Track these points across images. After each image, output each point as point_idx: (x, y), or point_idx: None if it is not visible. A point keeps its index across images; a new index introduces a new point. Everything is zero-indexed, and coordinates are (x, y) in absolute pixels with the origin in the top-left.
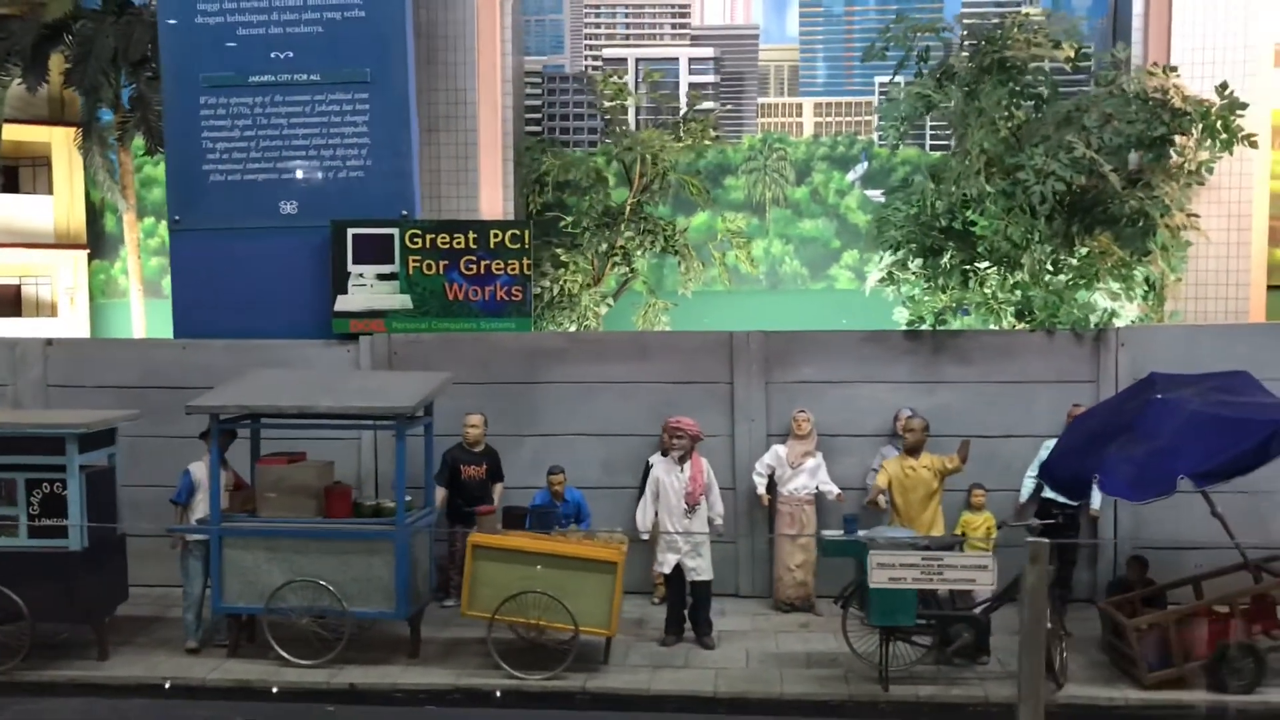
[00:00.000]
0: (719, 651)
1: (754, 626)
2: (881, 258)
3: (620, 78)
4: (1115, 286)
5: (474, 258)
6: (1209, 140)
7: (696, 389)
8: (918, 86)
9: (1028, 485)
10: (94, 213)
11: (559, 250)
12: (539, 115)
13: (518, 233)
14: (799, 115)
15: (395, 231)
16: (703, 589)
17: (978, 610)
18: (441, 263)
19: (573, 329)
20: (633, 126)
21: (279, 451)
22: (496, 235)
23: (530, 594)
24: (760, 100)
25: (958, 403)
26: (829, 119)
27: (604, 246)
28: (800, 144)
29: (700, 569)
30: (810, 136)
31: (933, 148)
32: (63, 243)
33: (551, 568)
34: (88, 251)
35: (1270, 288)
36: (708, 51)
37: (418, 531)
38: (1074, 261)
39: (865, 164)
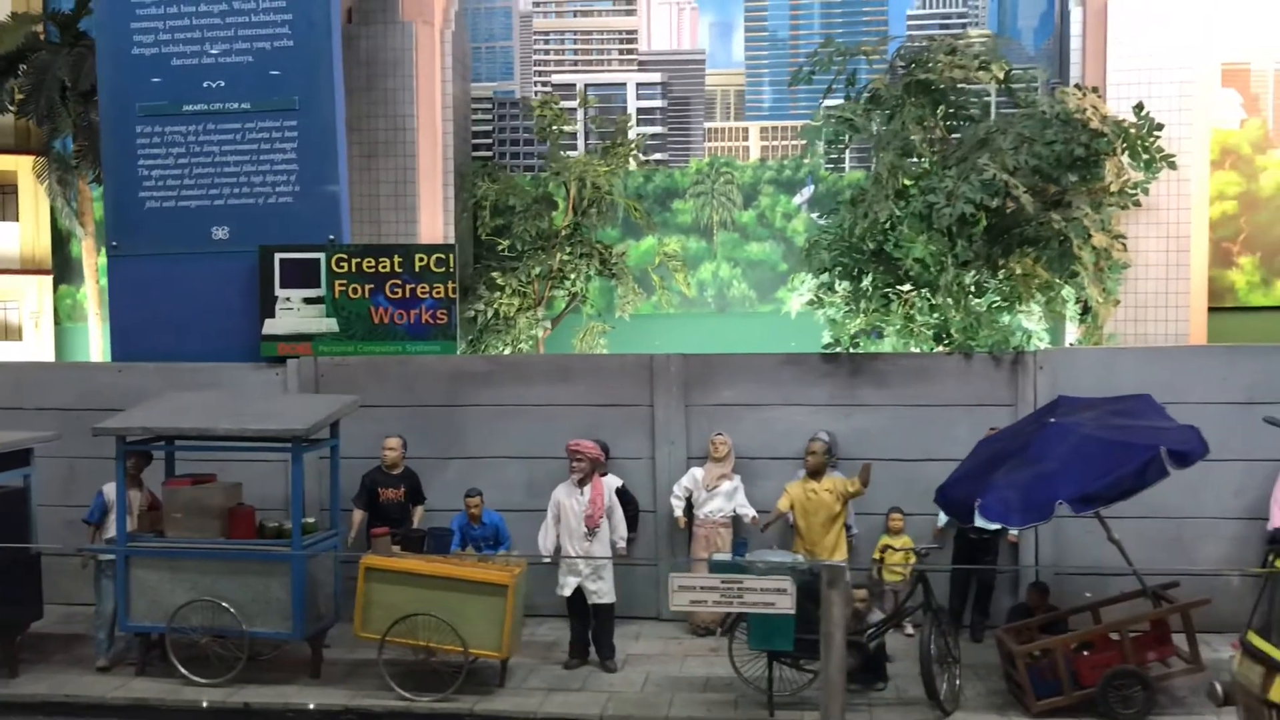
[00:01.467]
0: (620, 675)
1: (664, 650)
2: (804, 280)
3: (556, 102)
4: (1037, 309)
5: (399, 281)
6: (1136, 161)
7: (618, 411)
8: (843, 110)
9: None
10: (59, 239)
11: (495, 274)
12: (489, 140)
13: (443, 256)
14: (745, 139)
15: (321, 256)
16: (605, 612)
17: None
18: (367, 286)
19: (508, 352)
20: (581, 150)
21: (188, 473)
22: (422, 259)
23: (420, 616)
24: (707, 125)
25: (876, 426)
26: (775, 143)
27: (538, 270)
28: (747, 168)
29: (601, 592)
30: (757, 160)
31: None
32: (28, 268)
33: (442, 590)
34: (52, 276)
35: (1212, 309)
36: (655, 76)
37: (316, 554)
38: (994, 284)
39: (811, 188)
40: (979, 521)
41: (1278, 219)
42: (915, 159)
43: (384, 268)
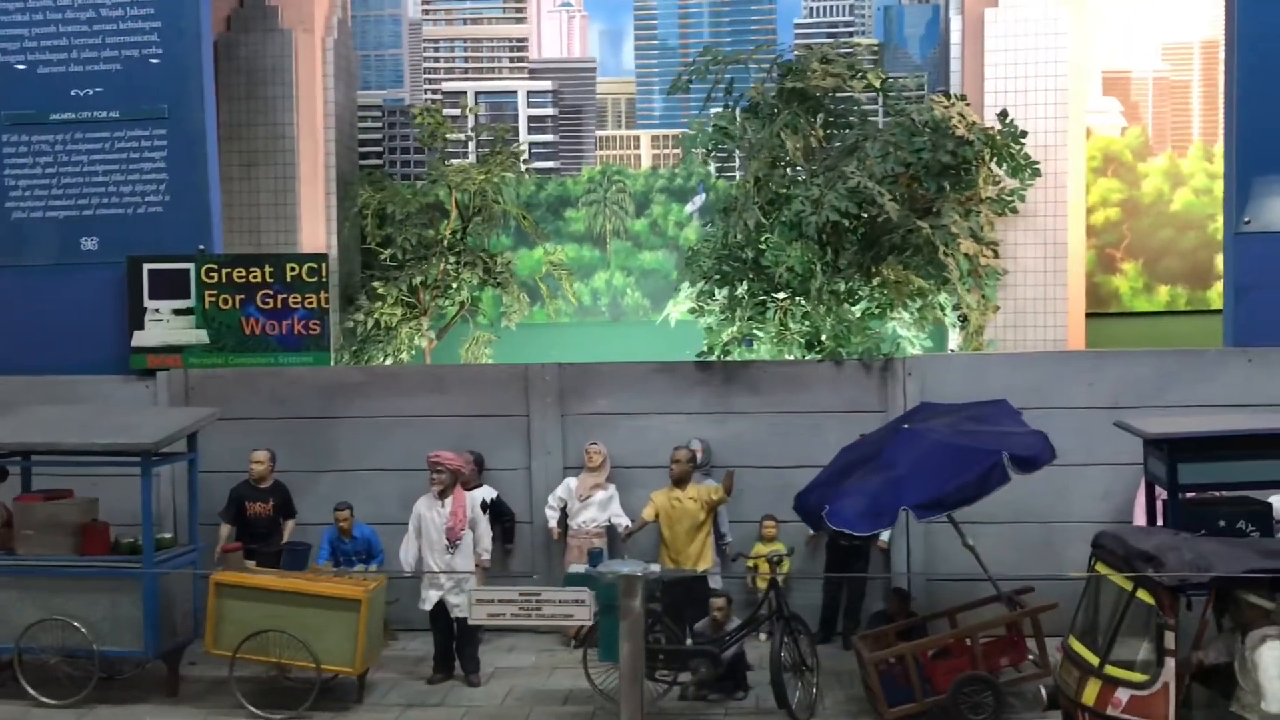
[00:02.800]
0: (483, 689)
1: (535, 663)
2: (680, 289)
3: (439, 110)
4: (908, 316)
5: (270, 292)
6: (1006, 169)
7: (494, 422)
8: (718, 119)
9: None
10: None
11: (376, 283)
12: (379, 149)
13: (315, 266)
14: (637, 148)
15: (191, 266)
16: (467, 626)
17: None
18: (238, 297)
19: (389, 363)
20: (472, 158)
21: (43, 489)
22: (293, 269)
23: (271, 632)
24: (598, 133)
25: (749, 433)
26: (666, 151)
27: (419, 279)
28: (639, 176)
29: (464, 606)
30: (649, 169)
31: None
32: None
33: (295, 606)
34: None
35: (1096, 315)
36: (546, 85)
37: (171, 571)
38: (865, 291)
39: (702, 196)
40: (827, 528)
41: (1159, 225)
42: (788, 167)
43: (255, 278)
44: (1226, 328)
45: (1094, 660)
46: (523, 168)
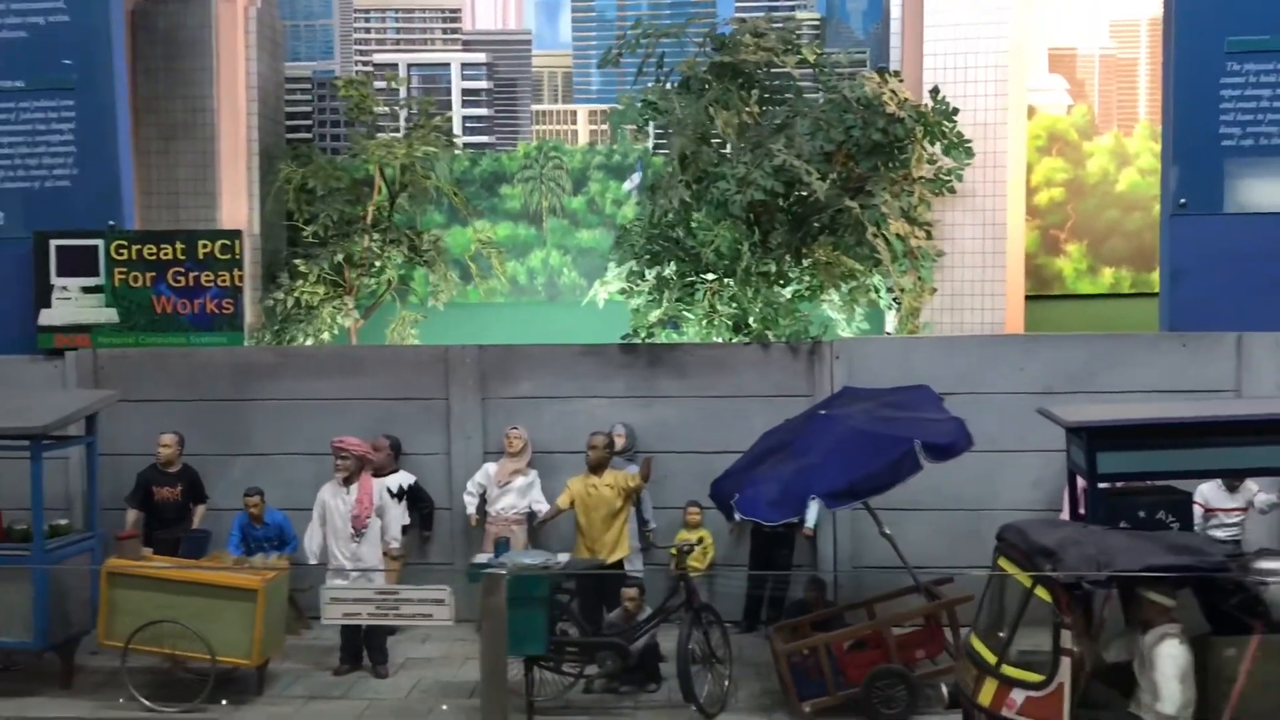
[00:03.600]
0: (390, 681)
1: (448, 653)
2: (608, 269)
3: (366, 83)
4: (838, 299)
5: (182, 269)
6: (939, 146)
7: (412, 405)
8: (647, 94)
9: (814, 506)
10: None
11: (298, 261)
12: (309, 123)
13: (228, 242)
14: (573, 123)
15: (100, 243)
16: None
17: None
18: (149, 274)
19: (309, 343)
20: (403, 132)
21: None
22: (205, 246)
23: (164, 623)
24: (535, 107)
25: (675, 417)
26: (604, 127)
27: (340, 256)
28: (576, 152)
29: None
30: (586, 145)
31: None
32: None
33: (189, 596)
34: None
35: (1039, 297)
36: (480, 57)
37: (64, 559)
38: (794, 274)
39: (640, 173)
40: (811, 516)
41: (1105, 205)
42: (721, 144)
43: (166, 255)
44: (1162, 312)
45: (992, 659)
46: (450, 141)
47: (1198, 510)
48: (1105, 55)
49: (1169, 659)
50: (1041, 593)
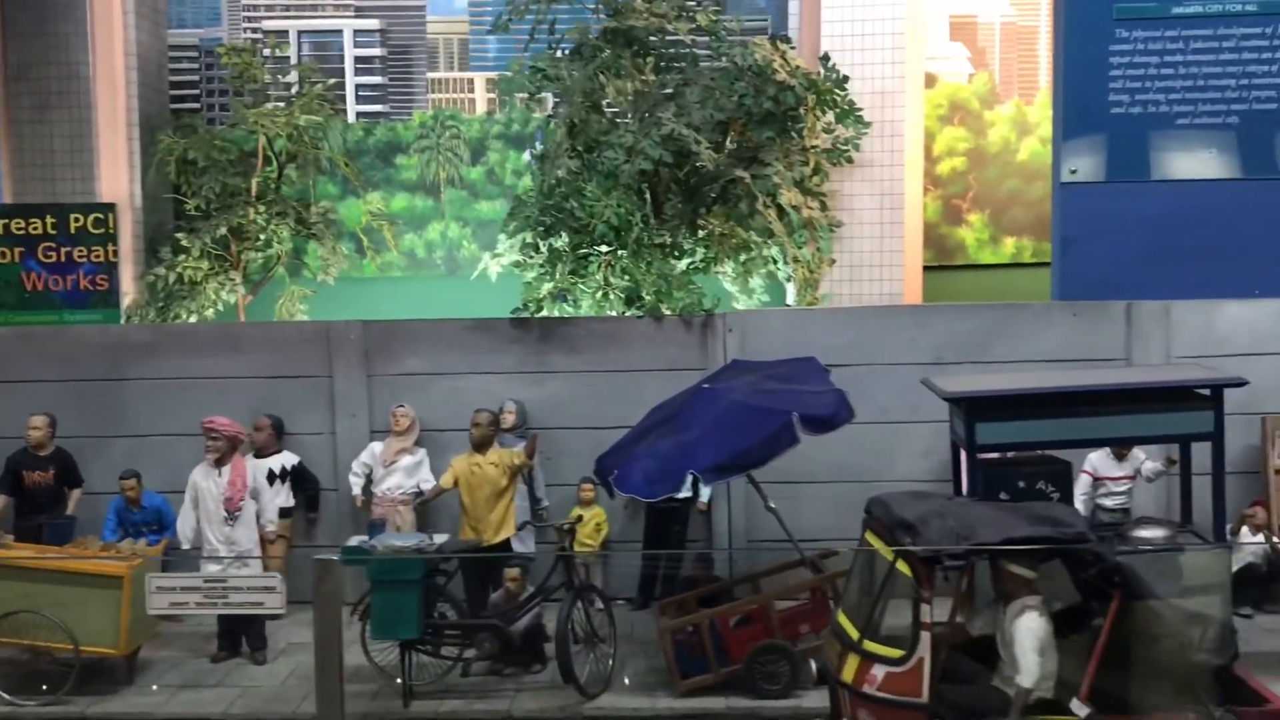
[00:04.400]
0: (268, 668)
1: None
2: (499, 241)
3: (249, 50)
4: (731, 271)
5: (53, 245)
6: (830, 115)
7: (296, 383)
8: (537, 61)
9: (687, 481)
10: None
11: (180, 235)
12: (197, 92)
13: (101, 216)
14: (471, 91)
15: None
16: None
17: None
18: (17, 250)
19: (193, 320)
20: (286, 101)
21: None
22: (78, 220)
23: (25, 613)
24: (430, 75)
25: (567, 393)
26: (502, 95)
27: (222, 230)
28: (474, 121)
29: None
30: (484, 114)
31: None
32: None
33: (52, 584)
34: None
35: (941, 268)
36: (373, 23)
37: None
38: (690, 245)
39: (540, 143)
40: (705, 492)
41: (1006, 175)
42: (613, 113)
43: (35, 229)
44: (1054, 281)
45: (855, 634)
46: (333, 110)
47: (1087, 479)
48: (1006, 23)
49: (1027, 631)
50: (902, 566)
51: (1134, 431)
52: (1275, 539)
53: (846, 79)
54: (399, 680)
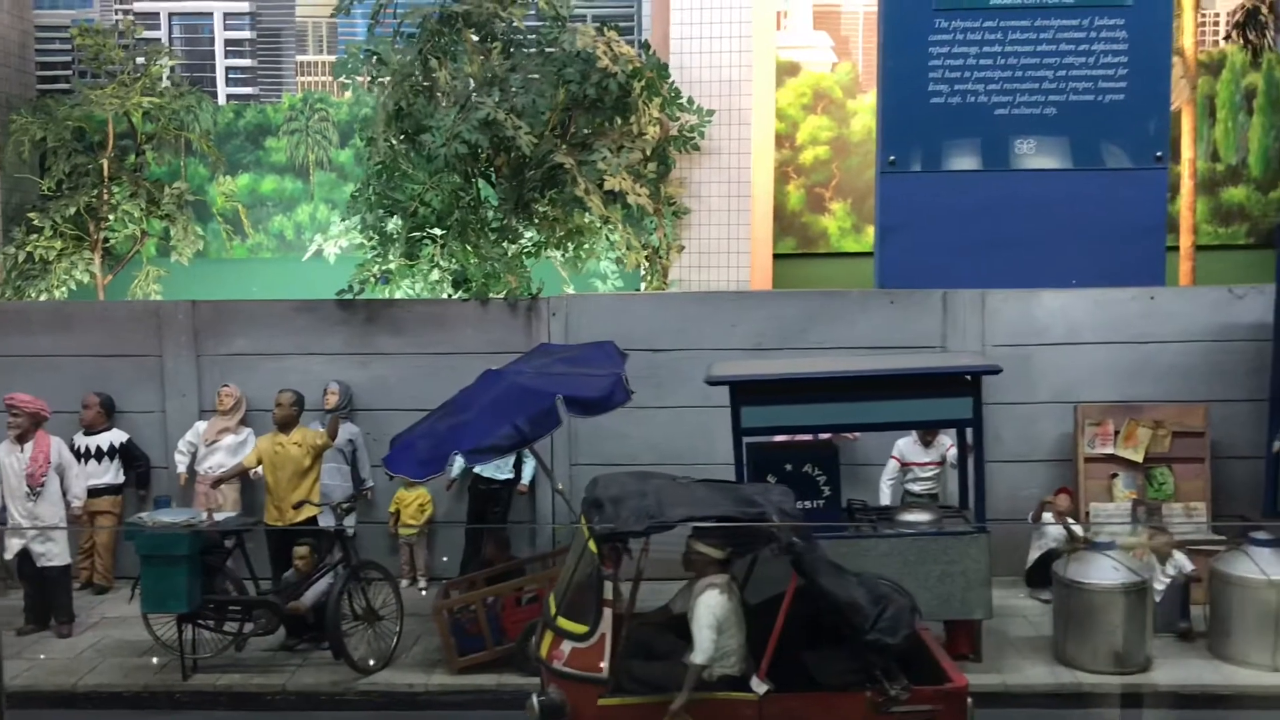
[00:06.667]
0: (69, 641)
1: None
2: (330, 224)
3: (101, 31)
4: (561, 256)
5: None
6: (659, 103)
7: (126, 362)
8: (372, 44)
9: (458, 462)
10: None
11: (32, 215)
12: (68, 73)
13: None
14: None
15: None
16: (55, 575)
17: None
18: None
19: (44, 299)
20: (166, 83)
21: None
22: None
23: None
24: (299, 58)
25: (394, 374)
26: (335, 79)
27: (73, 210)
28: (342, 104)
29: (50, 554)
30: (352, 97)
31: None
32: None
33: None
34: None
35: (790, 255)
36: (243, 6)
37: None
38: (525, 229)
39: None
40: (526, 473)
41: (868, 164)
42: (439, 96)
43: None
44: (876, 269)
45: (553, 611)
46: (180, 92)
47: (894, 465)
48: (869, 12)
49: (705, 608)
50: (592, 545)
51: (896, 417)
52: (1073, 524)
53: (665, 66)
54: (180, 654)
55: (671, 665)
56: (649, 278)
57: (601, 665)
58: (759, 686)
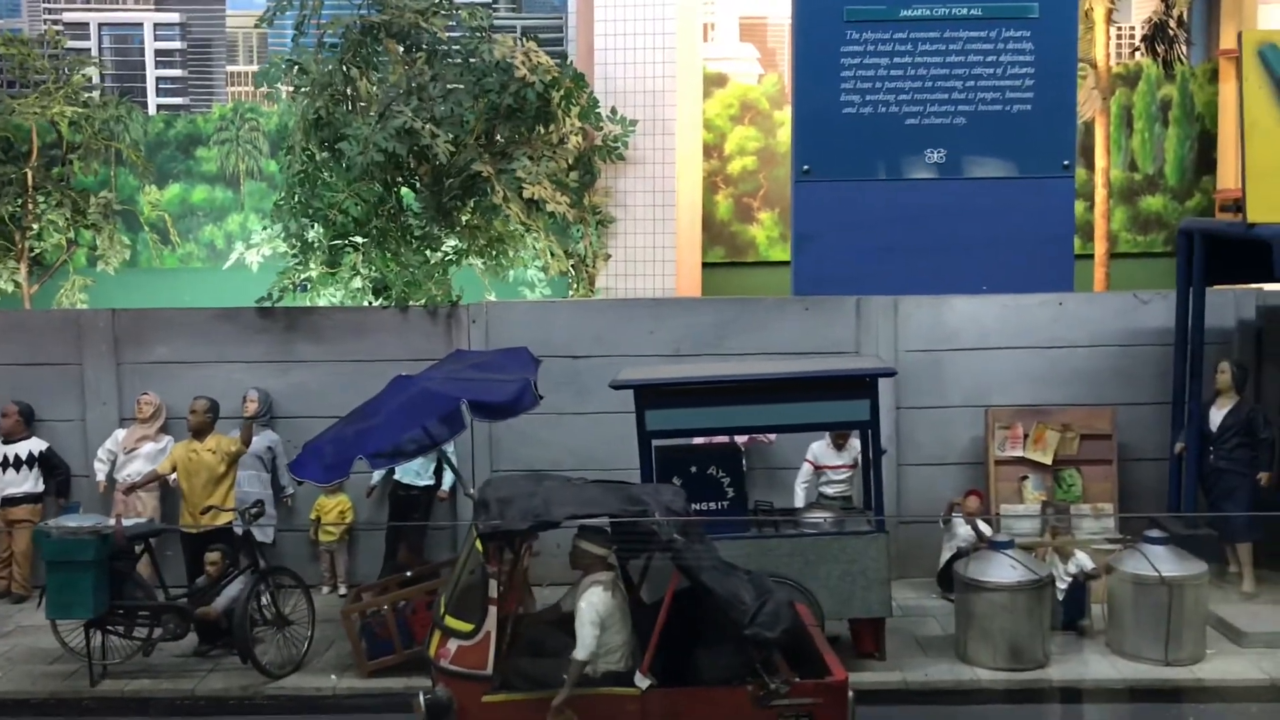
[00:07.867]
0: None
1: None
2: (252, 232)
3: (25, 41)
4: (482, 264)
5: None
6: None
7: (45, 371)
8: (293, 54)
9: (377, 474)
10: None
11: None
12: None
13: None
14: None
15: None
16: None
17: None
18: None
19: None
20: (97, 93)
21: None
22: None
23: None
24: (229, 69)
25: (314, 382)
26: (257, 88)
27: None
28: (273, 115)
29: None
30: (280, 107)
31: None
32: None
33: None
34: None
35: (718, 264)
36: (173, 17)
37: None
38: (446, 237)
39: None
40: (447, 480)
41: None
42: (359, 105)
43: None
44: (792, 276)
45: (441, 611)
46: (104, 101)
47: (808, 468)
48: None
49: (588, 604)
50: (479, 545)
51: (795, 419)
52: (980, 524)
53: (582, 76)
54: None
55: (559, 662)
56: (575, 286)
57: (484, 663)
58: (641, 681)
